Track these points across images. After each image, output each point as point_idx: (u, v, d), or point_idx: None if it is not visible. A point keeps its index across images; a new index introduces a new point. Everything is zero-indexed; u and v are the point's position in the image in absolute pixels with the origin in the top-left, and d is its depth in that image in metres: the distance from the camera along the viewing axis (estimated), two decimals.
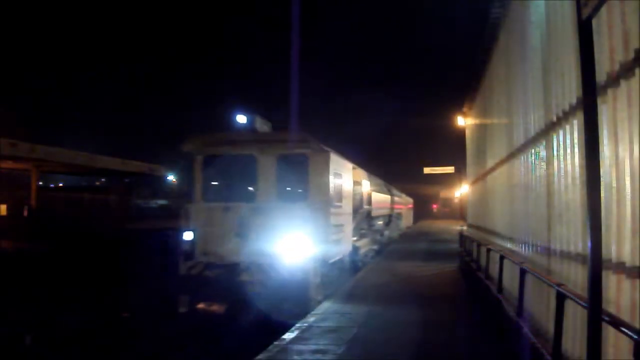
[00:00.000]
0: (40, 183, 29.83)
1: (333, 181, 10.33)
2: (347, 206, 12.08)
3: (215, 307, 9.65)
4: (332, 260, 10.30)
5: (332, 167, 10.24)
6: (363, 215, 15.15)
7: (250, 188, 10.35)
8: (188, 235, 9.88)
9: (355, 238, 13.74)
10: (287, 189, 10.44)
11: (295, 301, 8.95)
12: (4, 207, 24.74)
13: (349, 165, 12.61)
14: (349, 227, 12.28)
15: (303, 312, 8.59)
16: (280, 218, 9.53)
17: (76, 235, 20.83)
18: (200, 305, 9.66)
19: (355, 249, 13.49)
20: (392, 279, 12.93)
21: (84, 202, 29.08)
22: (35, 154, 19.76)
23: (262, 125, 10.61)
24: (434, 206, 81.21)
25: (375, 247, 18.55)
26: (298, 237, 9.25)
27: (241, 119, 10.57)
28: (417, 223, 53.10)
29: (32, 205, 24.04)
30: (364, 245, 15.42)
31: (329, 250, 9.89)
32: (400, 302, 9.86)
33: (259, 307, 8.79)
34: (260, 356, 6.22)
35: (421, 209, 68.23)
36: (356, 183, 13.86)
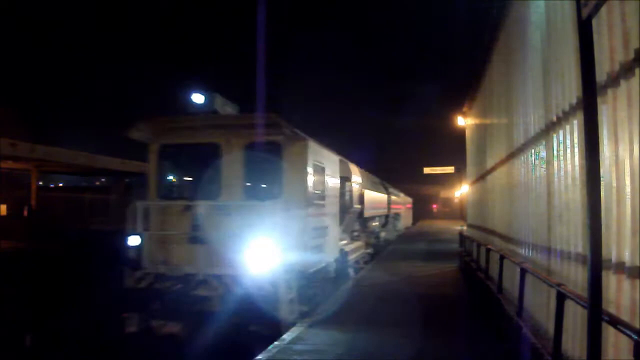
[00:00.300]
0: (40, 183, 29.83)
1: (313, 175, 8.75)
2: (333, 205, 10.43)
3: (164, 329, 7.85)
4: (312, 270, 8.57)
5: (312, 157, 8.70)
6: (353, 215, 13.51)
7: (213, 183, 8.60)
8: (134, 240, 8.22)
9: (344, 242, 12.25)
10: (257, 184, 8.81)
11: (263, 322, 7.35)
12: (4, 207, 24.74)
13: (335, 158, 11.02)
14: (334, 229, 10.62)
15: (273, 335, 7.16)
16: (247, 219, 7.82)
17: (76, 235, 20.83)
18: (152, 325, 7.95)
19: (344, 255, 11.73)
20: (387, 281, 12.54)
21: (84, 202, 29.07)
22: (35, 154, 19.75)
23: (223, 107, 8.83)
24: (434, 206, 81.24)
25: (369, 250, 17.18)
26: (268, 242, 7.51)
27: (198, 98, 8.65)
28: (416, 223, 53.08)
29: (32, 205, 24.04)
30: (356, 249, 13.78)
31: (307, 258, 8.29)
32: (394, 304, 9.67)
33: (217, 330, 7.26)
34: (260, 356, 6.21)
35: (421, 209, 68.23)
36: (345, 179, 12.33)
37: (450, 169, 42.22)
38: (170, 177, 9.29)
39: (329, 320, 7.98)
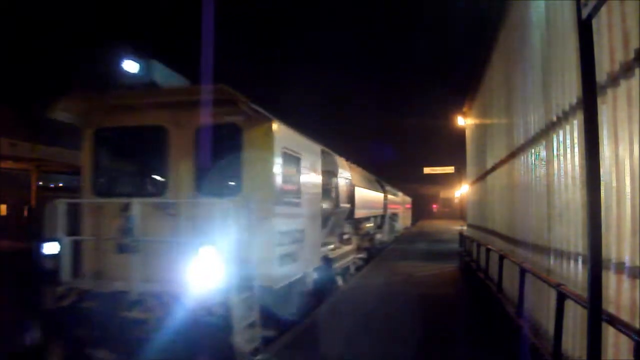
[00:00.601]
0: (40, 183, 29.84)
1: (283, 166, 7.18)
2: (312, 204, 8.75)
3: None
4: (281, 284, 7.00)
5: (281, 144, 7.11)
6: (341, 216, 11.80)
7: (159, 176, 7.19)
8: (51, 248, 6.58)
9: (328, 247, 10.63)
10: (212, 177, 7.03)
11: (212, 353, 5.83)
12: (4, 207, 24.77)
13: (315, 148, 9.25)
14: (315, 232, 8.98)
15: None
16: (197, 221, 6.41)
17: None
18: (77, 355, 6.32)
19: (329, 262, 10.17)
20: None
21: None
22: (35, 154, 19.79)
23: (168, 79, 7.10)
24: (434, 206, 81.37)
25: (362, 255, 15.63)
26: (221, 250, 5.89)
27: (130, 66, 6.86)
28: (416, 223, 53.14)
29: (32, 205, 24.06)
30: (344, 254, 12.05)
31: (275, 270, 6.76)
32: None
33: None
34: (259, 357, 6.21)
35: (421, 209, 68.39)
36: (330, 173, 10.71)
37: (450, 169, 42.33)
38: (110, 169, 7.55)
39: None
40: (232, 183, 6.95)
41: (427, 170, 49.41)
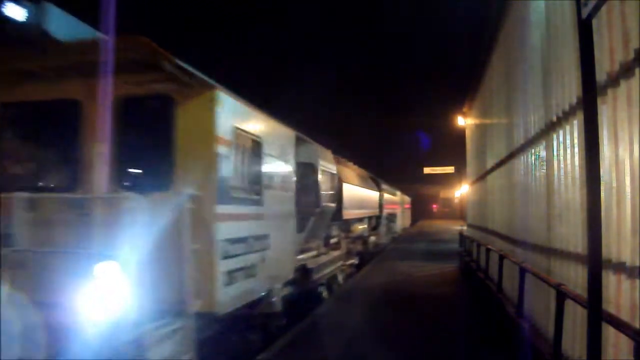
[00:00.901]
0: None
1: (233, 152, 5.52)
2: (280, 202, 7.15)
3: None
4: (230, 309, 5.38)
5: (229, 122, 5.43)
6: (325, 217, 10.06)
7: (68, 164, 5.45)
8: None
9: (307, 254, 9.02)
10: (138, 165, 5.44)
11: None
12: None
13: (286, 132, 7.59)
14: (285, 237, 7.38)
15: None
16: (112, 225, 4.57)
17: None
18: None
19: (306, 273, 8.61)
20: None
21: None
22: None
23: (67, 28, 4.91)
24: (434, 206, 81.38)
25: (352, 260, 14.02)
26: (128, 266, 4.29)
27: (14, 11, 4.59)
28: (416, 224, 53.05)
29: None
30: (329, 262, 10.35)
31: (219, 289, 5.10)
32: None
33: None
34: (260, 356, 6.20)
35: (421, 209, 68.39)
36: (308, 166, 9.06)
37: (450, 169, 42.38)
38: (13, 156, 5.80)
39: None
40: (162, 173, 5.21)
41: (427, 170, 49.42)
